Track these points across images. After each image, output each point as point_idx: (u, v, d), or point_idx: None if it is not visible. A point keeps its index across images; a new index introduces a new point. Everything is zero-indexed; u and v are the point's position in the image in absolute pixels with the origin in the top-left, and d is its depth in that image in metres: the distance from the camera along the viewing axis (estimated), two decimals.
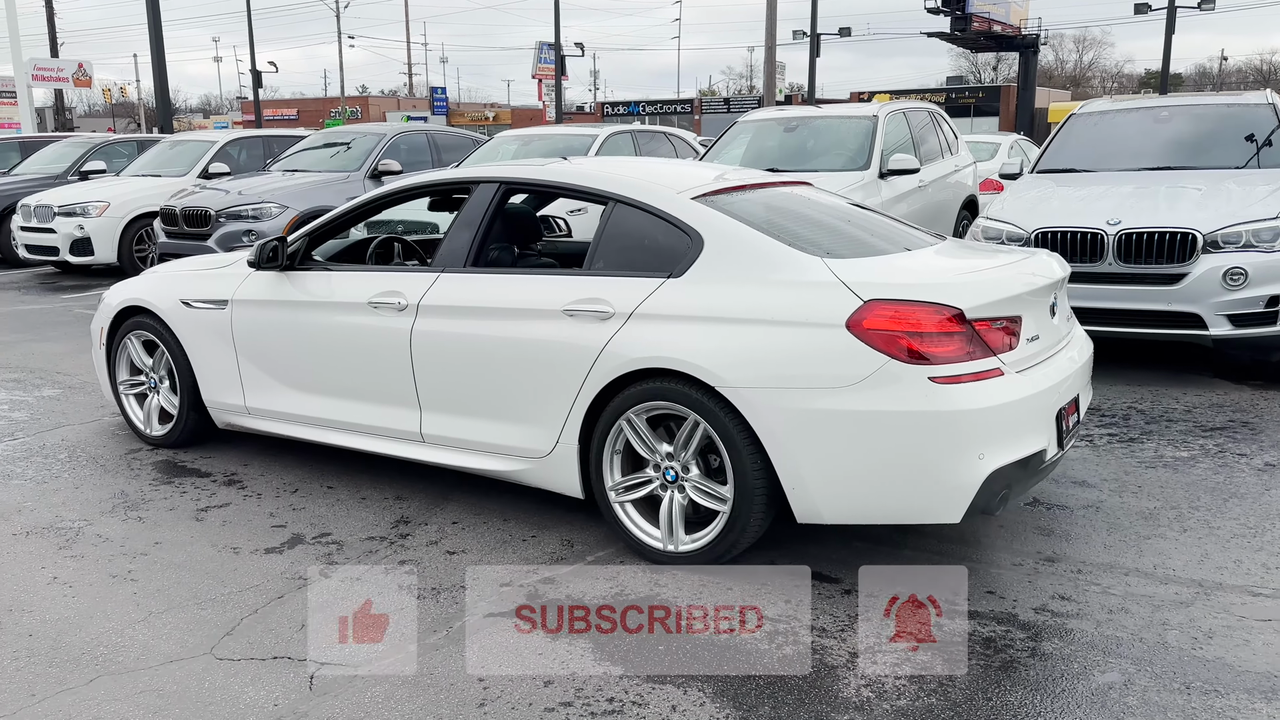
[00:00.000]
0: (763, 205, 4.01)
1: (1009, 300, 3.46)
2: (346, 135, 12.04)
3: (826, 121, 9.01)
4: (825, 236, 3.87)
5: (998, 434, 3.29)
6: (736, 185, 4.10)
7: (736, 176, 4.27)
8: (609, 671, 2.97)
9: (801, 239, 3.70)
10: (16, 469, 4.90)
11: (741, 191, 4.08)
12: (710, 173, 4.25)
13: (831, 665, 3.00)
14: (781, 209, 4.04)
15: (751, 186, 4.20)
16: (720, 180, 4.11)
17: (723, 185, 4.03)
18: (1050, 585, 3.51)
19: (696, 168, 4.32)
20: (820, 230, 3.95)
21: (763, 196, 4.12)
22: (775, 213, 3.96)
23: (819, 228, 3.98)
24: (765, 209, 3.97)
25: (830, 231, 3.97)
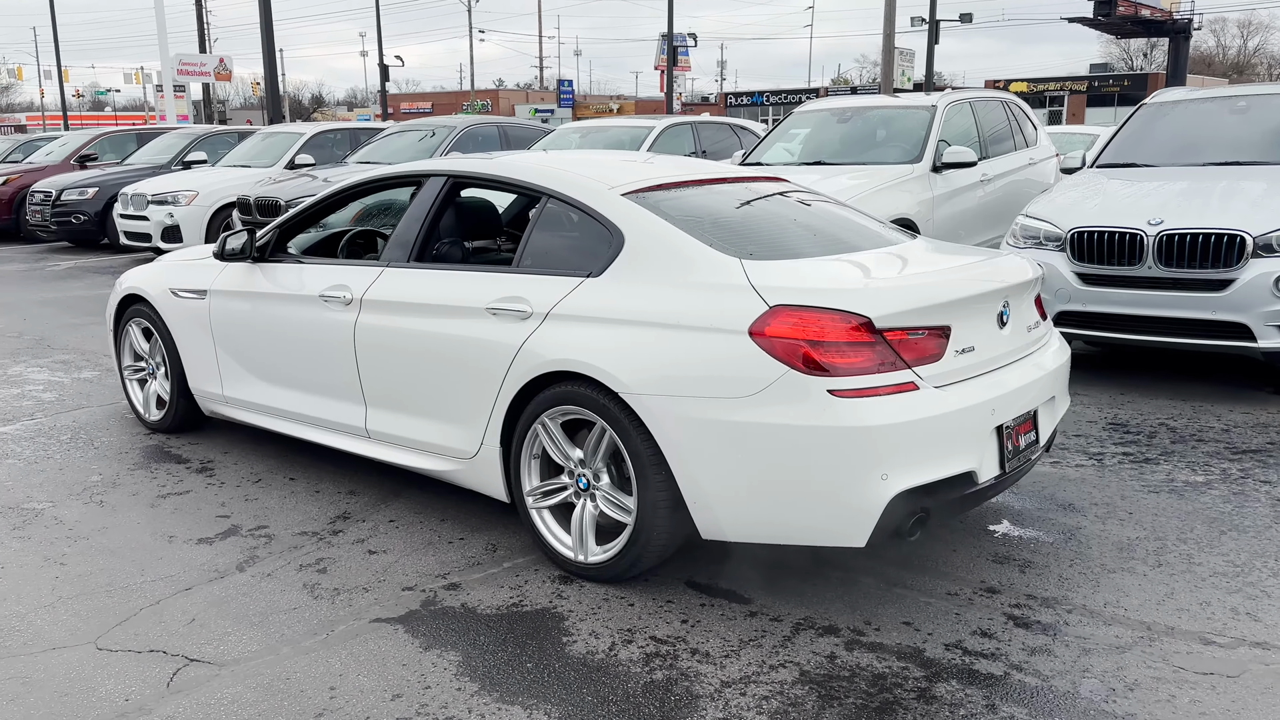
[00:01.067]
0: (703, 203, 3.80)
1: (932, 309, 3.18)
2: (426, 127, 12.23)
3: (883, 112, 8.63)
4: (762, 237, 3.65)
5: (906, 454, 3.03)
6: (679, 181, 3.91)
7: (688, 172, 4.07)
8: (464, 688, 2.86)
9: (728, 239, 3.49)
10: (16, 449, 5.12)
11: (686, 188, 3.89)
12: (661, 169, 4.07)
13: (695, 694, 2.82)
14: (724, 207, 3.83)
15: (703, 182, 3.99)
16: (665, 176, 3.93)
17: (663, 181, 3.85)
18: (978, 619, 3.22)
19: (647, 163, 4.14)
20: (761, 230, 3.73)
21: (711, 193, 3.92)
22: (714, 211, 3.76)
23: (760, 227, 3.75)
24: (704, 207, 3.77)
25: (773, 231, 3.74)
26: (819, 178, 7.64)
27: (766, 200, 4.02)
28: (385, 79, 41.15)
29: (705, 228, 3.55)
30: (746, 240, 3.54)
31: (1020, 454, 3.46)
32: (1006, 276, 3.50)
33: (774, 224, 3.80)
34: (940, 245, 4.00)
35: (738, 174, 4.24)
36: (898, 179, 7.62)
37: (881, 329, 3.07)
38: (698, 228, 3.53)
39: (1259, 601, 3.32)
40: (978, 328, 3.33)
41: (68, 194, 13.67)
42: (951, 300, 3.22)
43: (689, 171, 4.08)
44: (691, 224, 3.55)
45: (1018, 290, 3.53)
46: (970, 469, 3.20)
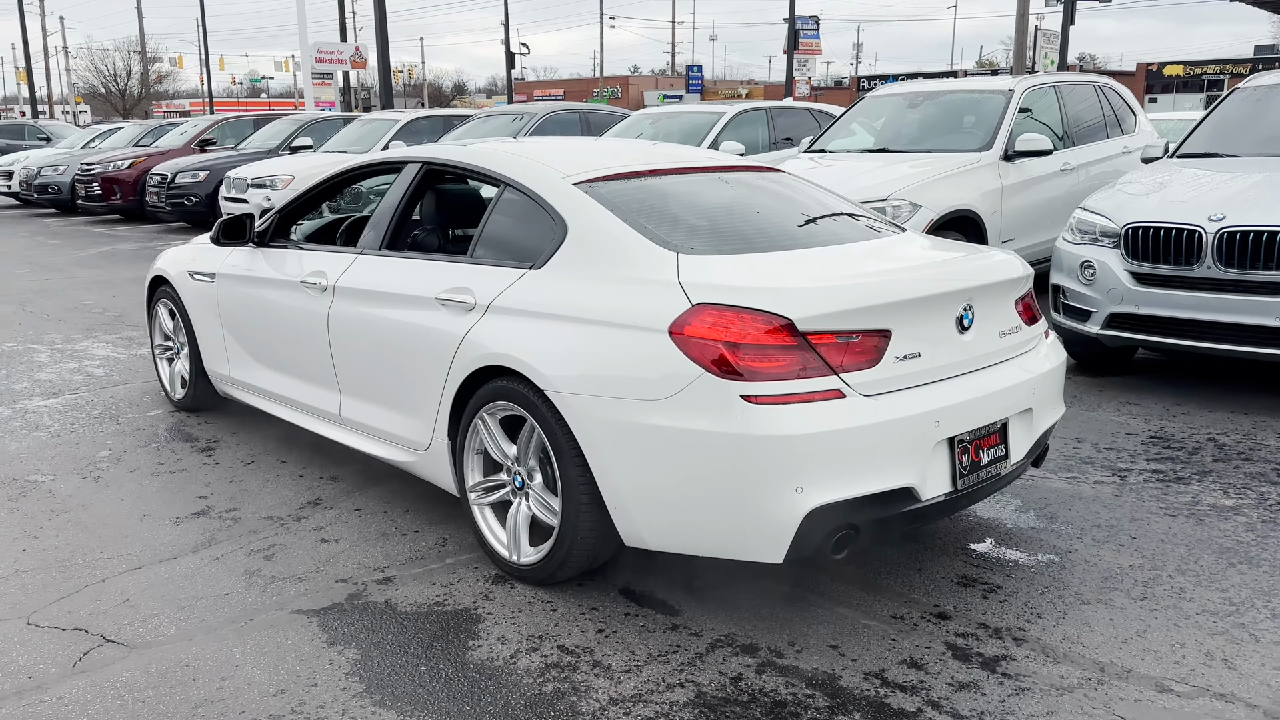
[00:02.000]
0: (665, 194, 3.63)
1: (867, 311, 2.93)
2: (513, 113, 12.30)
3: (955, 97, 8.17)
4: (715, 230, 3.45)
5: (825, 466, 2.81)
6: (645, 170, 3.74)
7: (662, 161, 3.90)
8: (348, 688, 2.81)
9: (676, 232, 3.32)
10: (46, 421, 5.35)
11: (651, 177, 3.71)
12: (632, 158, 3.91)
13: (576, 711, 2.69)
14: (688, 199, 3.64)
15: (674, 172, 3.81)
16: (632, 165, 3.77)
17: (625, 170, 3.69)
18: (913, 647, 2.98)
19: (624, 152, 3.98)
20: (718, 223, 3.52)
21: (678, 183, 3.73)
22: (674, 203, 3.58)
23: (718, 220, 3.55)
24: (665, 199, 3.60)
25: (730, 225, 3.53)
26: (876, 166, 7.32)
27: (739, 191, 3.82)
28: (511, 66, 41.74)
29: (655, 220, 3.39)
30: (696, 234, 3.36)
31: (981, 470, 3.18)
32: (971, 277, 3.21)
33: (735, 217, 3.60)
34: (922, 241, 3.72)
35: (719, 163, 4.04)
36: (961, 168, 7.21)
37: (805, 331, 2.85)
38: (647, 220, 3.37)
39: (1242, 647, 2.96)
40: (927, 332, 3.06)
41: (181, 177, 14.33)
42: (892, 302, 2.97)
43: (663, 160, 3.91)
44: (641, 216, 3.39)
45: (986, 292, 3.24)
46: (908, 484, 2.95)
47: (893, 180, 6.91)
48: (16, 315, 8.47)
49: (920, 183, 6.88)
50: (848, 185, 6.96)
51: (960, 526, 3.84)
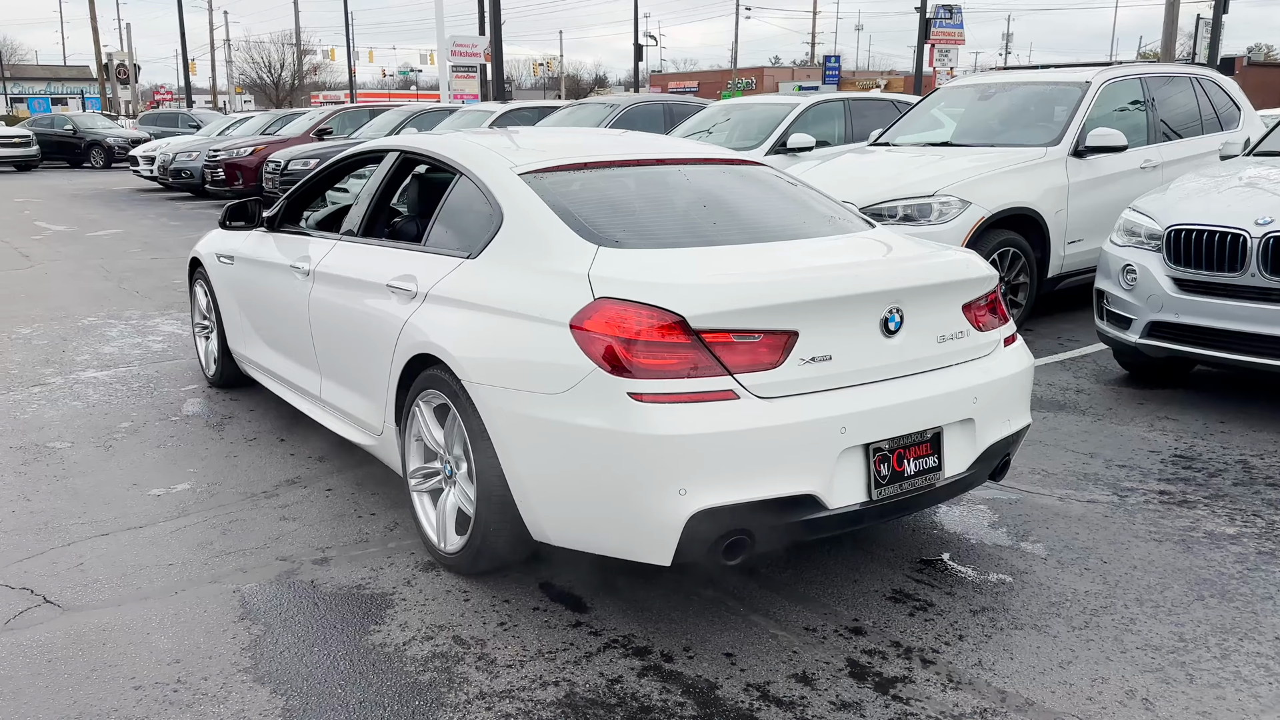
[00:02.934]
0: (613, 186, 3.57)
1: (769, 310, 2.82)
2: (601, 104, 12.36)
3: (1030, 89, 7.76)
4: (650, 224, 3.37)
5: (712, 469, 2.72)
6: (599, 162, 3.69)
7: (623, 152, 3.83)
8: (237, 663, 2.88)
9: (607, 225, 3.26)
10: (89, 393, 5.68)
11: (604, 169, 3.66)
12: (594, 149, 3.86)
13: (442, 703, 2.68)
14: (635, 191, 3.57)
15: (634, 163, 3.74)
16: (588, 156, 3.72)
17: (577, 161, 3.65)
18: (812, 661, 2.86)
19: (583, 143, 3.94)
20: (656, 217, 3.44)
21: (631, 175, 3.66)
22: (618, 195, 3.51)
23: (657, 214, 3.47)
24: (611, 191, 3.54)
25: (669, 219, 3.45)
26: (931, 160, 7.04)
27: (696, 185, 3.72)
28: (639, 58, 41.95)
29: (590, 212, 3.34)
30: (628, 227, 3.30)
31: (906, 480, 3.02)
32: (900, 279, 3.05)
33: (678, 211, 3.52)
34: (882, 239, 3.54)
35: (687, 156, 3.94)
36: (1024, 163, 6.86)
37: (698, 329, 2.76)
38: (583, 212, 3.33)
39: (1171, 687, 2.73)
40: (843, 335, 2.92)
41: (293, 164, 14.94)
42: (799, 302, 2.85)
43: (628, 152, 3.84)
44: (579, 208, 3.35)
45: (919, 295, 3.07)
46: (809, 492, 2.83)
47: (942, 175, 6.63)
48: (112, 292, 9.01)
49: (972, 178, 6.58)
50: (895, 181, 6.72)
51: (919, 538, 3.67)
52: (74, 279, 9.72)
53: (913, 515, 3.87)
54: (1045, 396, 5.46)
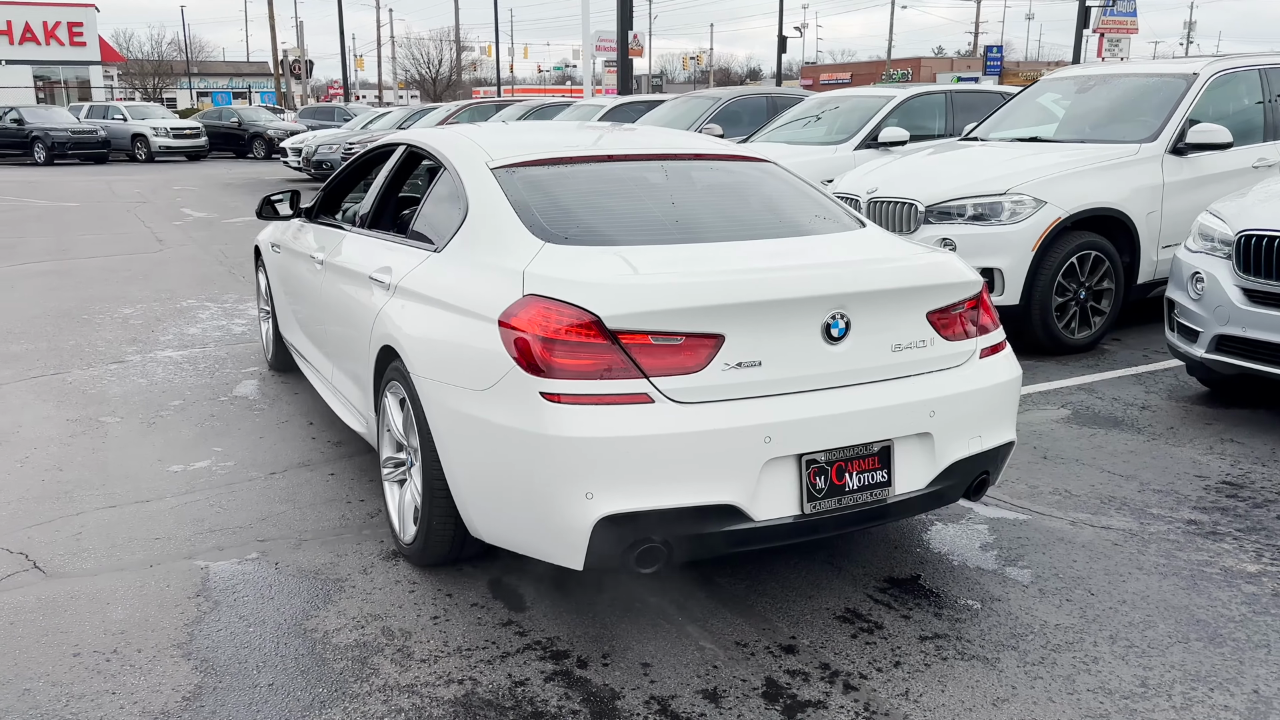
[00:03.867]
0: (585, 182, 3.51)
1: (694, 312, 2.71)
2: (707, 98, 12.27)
3: (1130, 82, 7.23)
4: (610, 221, 3.29)
5: (621, 474, 2.65)
6: (577, 157, 3.63)
7: (608, 146, 3.77)
8: (174, 638, 2.99)
9: (565, 222, 3.22)
10: (157, 371, 6.01)
11: (581, 164, 3.60)
12: (573, 143, 3.80)
13: (346, 693, 2.70)
14: (607, 187, 3.50)
15: (612, 158, 3.66)
16: (567, 150, 3.68)
17: (552, 156, 3.61)
18: (727, 678, 2.75)
19: (568, 137, 3.90)
20: (621, 214, 3.35)
21: (610, 170, 3.59)
22: (588, 191, 3.45)
23: (622, 211, 3.38)
24: (582, 186, 3.48)
25: (633, 216, 3.35)
26: (1012, 156, 6.68)
27: (675, 182, 3.61)
28: (782, 50, 41.41)
29: (550, 207, 3.31)
30: (582, 224, 3.24)
31: (848, 495, 2.87)
32: (846, 283, 2.88)
33: (644, 208, 3.42)
34: (861, 239, 3.36)
35: (676, 151, 3.82)
36: (1113, 161, 6.41)
37: (615, 330, 2.69)
38: (541, 207, 3.30)
39: None
40: (777, 340, 2.79)
41: None
42: (725, 304, 2.73)
43: (610, 147, 3.77)
44: (538, 203, 3.32)
45: (869, 300, 2.90)
46: (729, 502, 2.72)
47: (1017, 173, 6.26)
48: (220, 276, 9.52)
49: (1049, 176, 6.19)
50: (966, 178, 6.41)
51: (898, 555, 3.48)
52: (192, 263, 10.31)
53: (898, 530, 3.68)
54: (1104, 411, 5.10)
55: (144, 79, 66.62)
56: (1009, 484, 4.15)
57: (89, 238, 12.29)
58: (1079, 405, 5.23)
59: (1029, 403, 5.27)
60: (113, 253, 11.03)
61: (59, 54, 41.82)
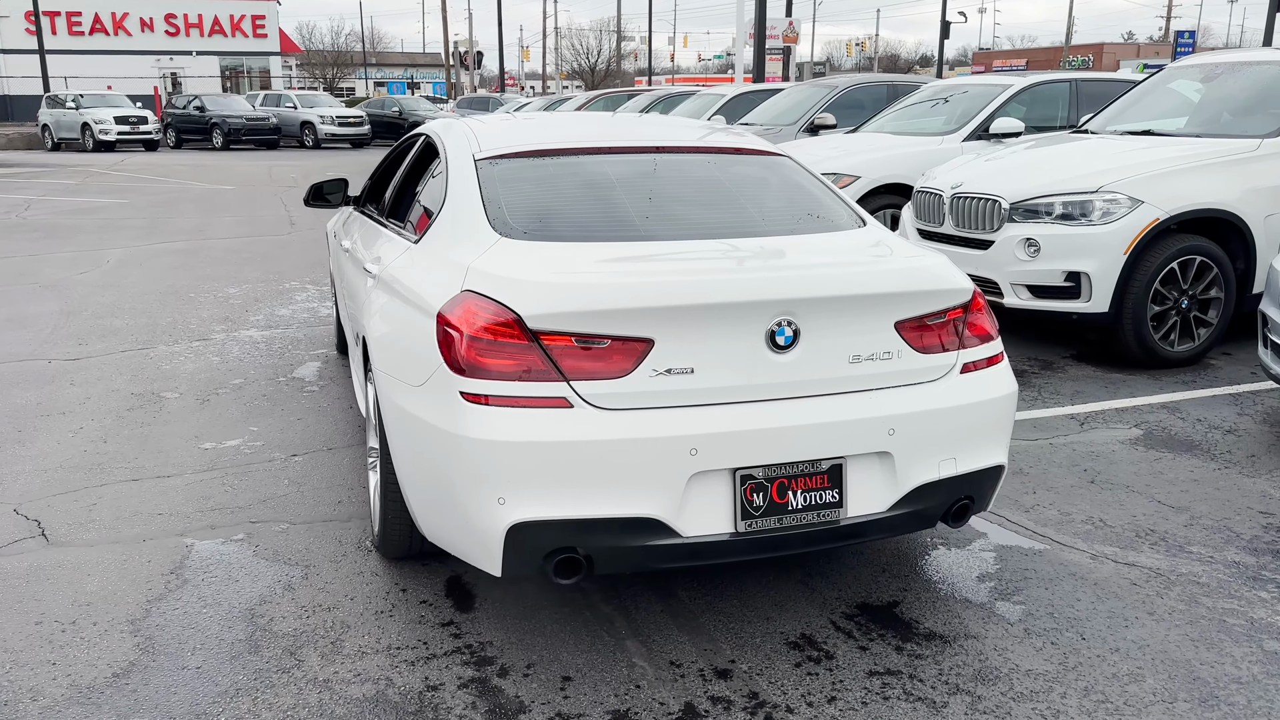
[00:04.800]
0: (565, 174, 3.40)
1: (621, 314, 2.57)
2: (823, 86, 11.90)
3: (1260, 69, 6.54)
4: (579, 217, 3.17)
5: (535, 480, 2.54)
6: (565, 149, 3.53)
7: (600, 139, 3.64)
8: (131, 613, 3.07)
9: (523, 215, 3.12)
10: (233, 349, 6.26)
11: (567, 156, 3.49)
12: (565, 134, 3.70)
13: (265, 683, 2.72)
14: (590, 181, 3.38)
15: (600, 151, 3.53)
16: (558, 142, 3.58)
17: (537, 147, 3.52)
18: (644, 701, 2.62)
19: (563, 129, 3.80)
20: (593, 210, 3.22)
21: (596, 163, 3.45)
22: (567, 185, 3.34)
23: (595, 207, 3.24)
24: (561, 178, 3.37)
25: (604, 212, 3.21)
26: (1116, 150, 6.19)
27: (662, 176, 3.46)
28: (945, 35, 39.84)
29: (519, 201, 3.22)
30: (548, 218, 3.15)
31: (790, 514, 2.68)
32: (793, 288, 2.68)
33: (617, 203, 3.27)
34: (845, 242, 3.14)
35: (670, 144, 3.66)
36: (1226, 157, 5.83)
37: (536, 330, 2.59)
38: (510, 200, 3.22)
39: None
40: (712, 347, 2.62)
41: None
42: (656, 307, 2.58)
43: (602, 139, 3.64)
44: (509, 196, 3.24)
45: (821, 307, 2.69)
46: (651, 515, 2.58)
47: (1114, 169, 5.77)
48: None
49: (1150, 174, 5.68)
50: (1058, 174, 5.97)
51: (881, 578, 3.25)
52: (313, 246, 10.73)
53: (891, 551, 3.44)
54: (1181, 433, 4.64)
55: (323, 69, 70.13)
56: (1038, 509, 3.82)
57: (228, 219, 12.98)
58: (1155, 425, 4.77)
59: (1097, 420, 4.85)
60: (244, 234, 11.62)
61: (243, 45, 44.50)
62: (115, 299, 7.83)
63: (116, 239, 11.16)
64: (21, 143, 30.33)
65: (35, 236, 11.32)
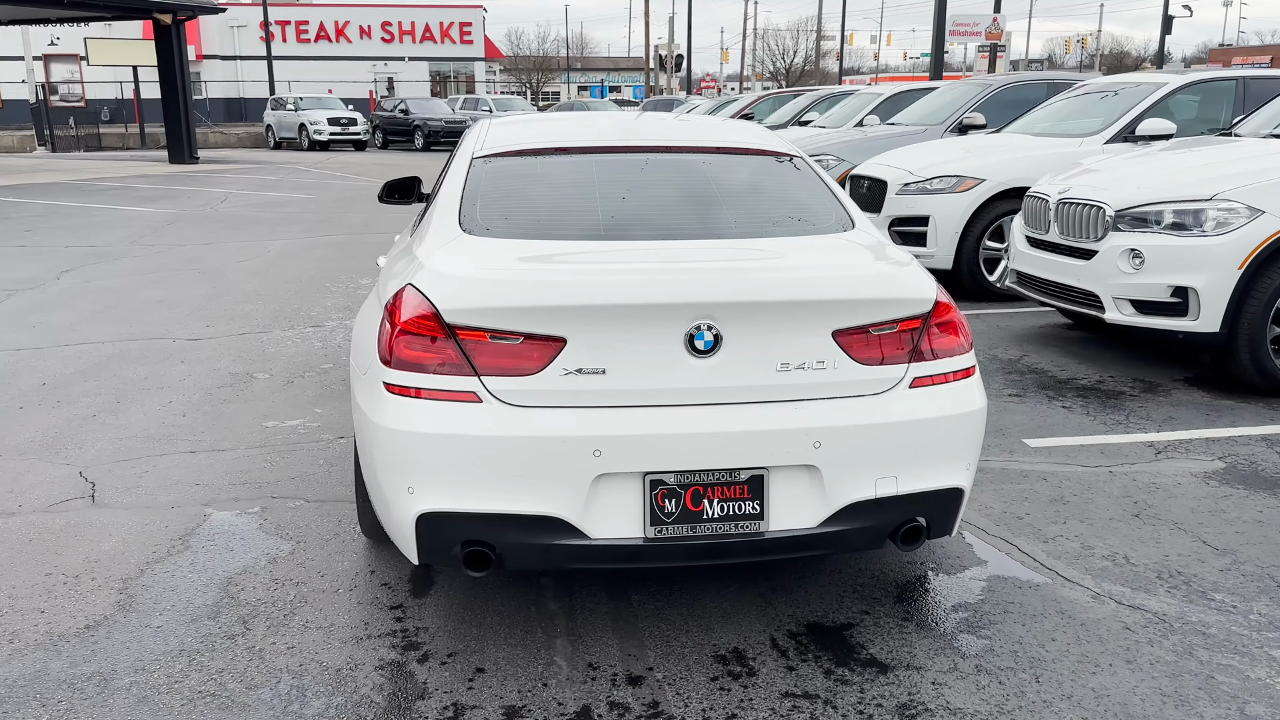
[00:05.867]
0: (550, 172, 3.42)
1: (533, 311, 2.57)
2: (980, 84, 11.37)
3: None
4: (547, 214, 3.19)
5: (439, 471, 2.58)
6: (557, 148, 3.55)
7: (597, 137, 3.64)
8: (115, 573, 3.32)
9: (493, 213, 3.16)
10: (338, 336, 6.62)
11: (558, 155, 3.51)
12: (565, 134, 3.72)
13: (196, 666, 2.89)
14: (573, 178, 3.37)
15: (593, 150, 3.52)
16: (553, 140, 3.62)
17: (532, 146, 3.56)
18: (540, 700, 2.61)
19: (570, 127, 3.80)
20: (565, 207, 3.23)
21: (584, 162, 3.44)
22: (553, 183, 3.36)
23: (571, 205, 3.24)
24: (545, 176, 3.40)
25: (576, 209, 3.21)
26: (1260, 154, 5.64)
27: (649, 176, 3.41)
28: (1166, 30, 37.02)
29: (494, 198, 3.27)
30: (514, 216, 3.18)
31: (706, 524, 2.61)
32: (716, 291, 2.59)
33: (590, 202, 3.25)
34: (814, 246, 3.00)
35: (667, 144, 3.62)
36: None
37: (453, 325, 2.62)
38: (486, 197, 3.27)
39: None
40: (627, 348, 2.58)
41: None
42: (568, 306, 2.57)
43: (596, 139, 3.63)
44: (487, 193, 3.30)
45: (748, 311, 2.59)
46: (556, 515, 2.57)
47: (1234, 175, 5.25)
48: None
49: (1270, 181, 5.13)
50: (1171, 179, 5.48)
51: (845, 600, 3.10)
52: None
53: (871, 570, 3.27)
54: (1269, 470, 4.18)
55: (528, 74, 72.74)
56: (1059, 540, 3.54)
57: (395, 216, 13.70)
58: (1241, 459, 4.31)
59: (1177, 450, 4.43)
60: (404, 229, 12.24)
61: (450, 51, 46.84)
62: (257, 286, 8.44)
63: (287, 231, 12.01)
64: (249, 141, 33.10)
65: (217, 227, 12.35)
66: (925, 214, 7.82)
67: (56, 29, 34.37)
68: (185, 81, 23.81)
